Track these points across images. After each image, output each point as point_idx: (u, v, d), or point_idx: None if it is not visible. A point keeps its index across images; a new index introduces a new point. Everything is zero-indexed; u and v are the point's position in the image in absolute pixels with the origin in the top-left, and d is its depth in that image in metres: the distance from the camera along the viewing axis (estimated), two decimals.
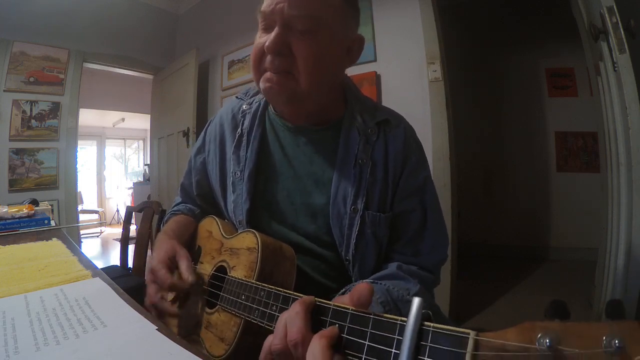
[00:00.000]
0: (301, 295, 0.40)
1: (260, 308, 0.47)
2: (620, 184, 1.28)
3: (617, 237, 1.31)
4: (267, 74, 0.58)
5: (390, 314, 0.51)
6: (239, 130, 0.70)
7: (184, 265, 0.59)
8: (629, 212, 1.22)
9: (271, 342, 0.37)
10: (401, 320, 0.30)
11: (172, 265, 0.60)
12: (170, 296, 0.59)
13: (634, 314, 1.19)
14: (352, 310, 0.34)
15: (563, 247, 2.99)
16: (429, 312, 0.30)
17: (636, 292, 1.19)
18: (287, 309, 0.42)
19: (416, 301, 0.29)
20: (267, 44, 0.55)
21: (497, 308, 2.10)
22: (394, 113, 0.70)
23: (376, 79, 2.03)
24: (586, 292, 1.98)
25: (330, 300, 0.38)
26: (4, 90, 2.64)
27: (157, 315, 0.57)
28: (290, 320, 0.36)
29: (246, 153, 0.68)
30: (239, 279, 0.53)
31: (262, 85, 0.60)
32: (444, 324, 0.67)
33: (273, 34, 0.55)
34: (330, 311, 0.36)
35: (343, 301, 0.37)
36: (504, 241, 3.17)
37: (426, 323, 0.29)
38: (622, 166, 1.26)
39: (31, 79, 2.75)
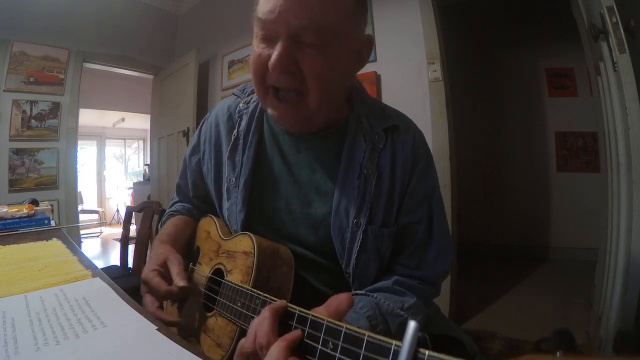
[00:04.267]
0: (296, 308, 0.40)
1: (255, 317, 0.46)
2: (620, 184, 1.28)
3: (617, 237, 1.31)
4: (274, 99, 0.54)
5: (377, 328, 0.51)
6: (235, 132, 0.66)
7: (174, 270, 0.57)
8: (629, 212, 1.22)
9: (243, 344, 0.39)
10: (396, 345, 0.29)
11: (164, 272, 0.58)
12: (168, 303, 0.58)
13: (634, 313, 1.19)
14: (345, 326, 0.34)
15: (563, 247, 2.99)
16: (425, 336, 0.29)
17: (636, 292, 1.19)
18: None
19: (412, 325, 0.28)
20: (272, 61, 0.49)
21: (497, 308, 2.10)
22: (402, 117, 0.67)
23: (376, 79, 2.03)
24: (586, 292, 1.98)
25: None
26: (4, 90, 2.64)
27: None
28: (259, 325, 0.38)
29: (242, 158, 0.64)
30: (235, 284, 0.53)
31: (270, 111, 0.57)
32: (445, 325, 0.66)
33: (278, 49, 0.49)
34: (308, 321, 0.37)
35: (319, 311, 0.38)
36: (504, 241, 3.17)
37: (421, 350, 0.28)
38: (622, 166, 1.26)
39: (31, 79, 2.75)
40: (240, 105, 0.69)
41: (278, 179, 0.64)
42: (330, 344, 0.34)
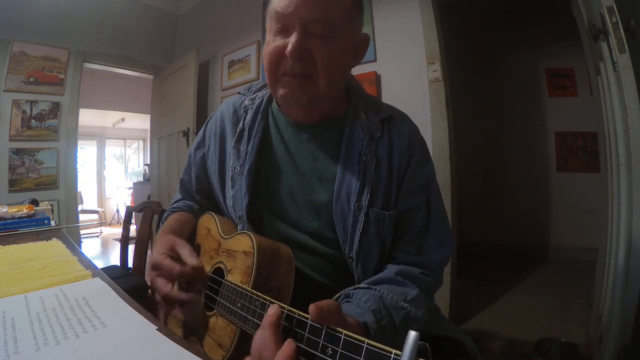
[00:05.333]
0: (295, 312, 0.40)
1: (255, 320, 0.46)
2: (620, 184, 1.28)
3: (617, 237, 1.31)
4: (286, 79, 0.59)
5: (382, 322, 0.51)
6: (241, 124, 0.70)
7: (185, 252, 0.58)
8: (629, 212, 1.22)
9: None
10: (395, 354, 0.29)
11: (174, 255, 0.59)
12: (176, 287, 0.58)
13: (634, 313, 1.19)
14: (344, 334, 0.34)
15: (563, 247, 2.99)
16: (425, 345, 0.29)
17: (636, 292, 1.19)
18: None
19: (412, 335, 0.28)
20: (289, 49, 0.55)
21: (497, 308, 2.10)
22: (397, 111, 0.70)
23: (376, 79, 2.03)
24: (586, 292, 1.99)
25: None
26: (4, 90, 2.64)
27: (167, 309, 0.57)
28: (262, 344, 0.37)
29: (247, 147, 0.67)
30: (235, 285, 0.53)
31: (280, 91, 0.60)
32: (445, 326, 0.66)
33: (294, 39, 0.55)
34: (307, 326, 0.36)
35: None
36: (504, 241, 3.17)
37: None
38: (622, 166, 1.26)
39: (31, 79, 2.75)
40: (246, 102, 0.73)
41: (281, 168, 0.67)
42: (329, 349, 0.34)
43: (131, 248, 1.65)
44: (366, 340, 0.32)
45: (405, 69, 1.96)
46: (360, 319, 0.49)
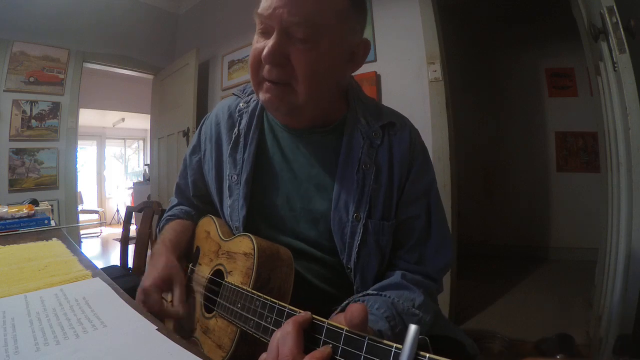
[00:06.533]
0: (296, 310, 0.39)
1: (255, 319, 0.46)
2: (620, 184, 1.28)
3: (617, 237, 1.31)
4: (266, 85, 0.56)
5: (396, 329, 0.51)
6: (236, 130, 0.67)
7: (177, 294, 0.58)
8: (629, 212, 1.22)
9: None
10: (396, 347, 0.29)
11: (165, 288, 0.59)
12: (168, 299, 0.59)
13: (634, 313, 1.19)
14: (345, 330, 0.33)
15: (563, 247, 2.99)
16: (425, 339, 0.29)
17: (636, 292, 1.19)
18: (281, 321, 0.41)
19: (412, 329, 0.28)
20: (264, 53, 0.52)
21: (497, 308, 2.11)
22: (398, 115, 0.68)
23: (376, 79, 2.03)
24: (586, 292, 1.98)
25: (332, 312, 0.36)
26: (4, 90, 2.64)
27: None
28: (282, 340, 0.35)
29: (243, 155, 0.65)
30: (235, 286, 0.53)
31: (261, 97, 0.58)
32: (445, 326, 0.66)
33: (270, 42, 0.52)
34: (324, 330, 0.35)
35: (339, 320, 0.35)
36: (504, 241, 3.17)
37: (421, 353, 0.28)
38: (622, 166, 1.26)
39: (31, 79, 2.75)
40: (241, 104, 0.70)
41: (278, 176, 0.65)
42: (330, 345, 0.33)
43: (131, 248, 1.65)
44: (367, 336, 0.32)
45: (405, 69, 1.96)
46: (375, 327, 0.48)
